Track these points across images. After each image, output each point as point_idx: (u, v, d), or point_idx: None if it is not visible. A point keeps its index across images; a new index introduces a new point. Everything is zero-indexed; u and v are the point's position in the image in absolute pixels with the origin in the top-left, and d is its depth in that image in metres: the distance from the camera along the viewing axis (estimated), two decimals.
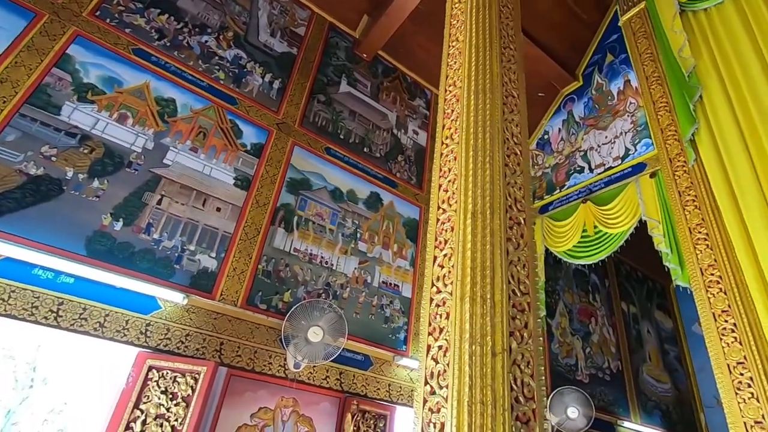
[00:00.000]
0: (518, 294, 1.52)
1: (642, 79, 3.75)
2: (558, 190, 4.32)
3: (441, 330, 1.50)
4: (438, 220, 1.81)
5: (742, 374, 2.43)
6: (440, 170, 1.95)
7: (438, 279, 1.64)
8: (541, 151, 4.83)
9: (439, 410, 1.37)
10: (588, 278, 5.04)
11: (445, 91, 2.20)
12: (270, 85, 3.81)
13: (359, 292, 3.54)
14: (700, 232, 2.92)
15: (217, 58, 3.55)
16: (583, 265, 3.96)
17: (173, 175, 2.94)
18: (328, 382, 3.04)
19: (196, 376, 2.43)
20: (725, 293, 2.65)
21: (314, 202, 3.62)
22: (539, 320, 1.52)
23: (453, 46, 2.34)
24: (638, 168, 3.60)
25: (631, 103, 3.94)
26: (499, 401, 1.26)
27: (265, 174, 3.40)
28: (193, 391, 2.38)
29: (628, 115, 3.89)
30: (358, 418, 3.04)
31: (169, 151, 3.00)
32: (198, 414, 2.31)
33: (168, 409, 2.32)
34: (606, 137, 4.08)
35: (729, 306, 2.60)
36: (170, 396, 2.36)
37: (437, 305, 1.57)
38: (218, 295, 2.82)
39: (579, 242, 3.85)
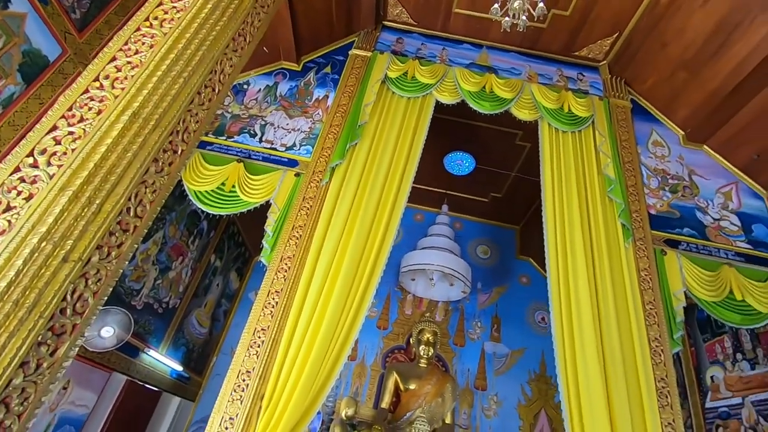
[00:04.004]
0: (131, 214, 1.42)
1: (335, 104, 4.49)
2: (225, 138, 4.37)
3: (9, 209, 1.18)
4: (87, 90, 1.47)
5: (260, 337, 3.19)
6: (125, 43, 1.60)
7: (44, 152, 1.31)
8: (233, 95, 4.78)
9: None
10: (199, 223, 5.25)
11: None
12: None
13: None
14: (297, 232, 3.69)
15: None
16: (202, 210, 4.11)
17: None
18: None
19: None
20: (285, 280, 3.44)
21: None
22: (135, 245, 1.48)
23: None
24: (292, 163, 4.18)
25: (318, 113, 4.58)
26: (40, 307, 1.11)
27: None
28: None
29: (311, 121, 4.50)
30: None
31: None
32: None
33: None
34: (287, 124, 4.53)
35: (281, 289, 3.39)
36: None
37: (23, 180, 1.24)
38: None
39: (213, 191, 3.99)
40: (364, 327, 3.75)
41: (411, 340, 6.12)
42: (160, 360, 4.86)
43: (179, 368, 5.27)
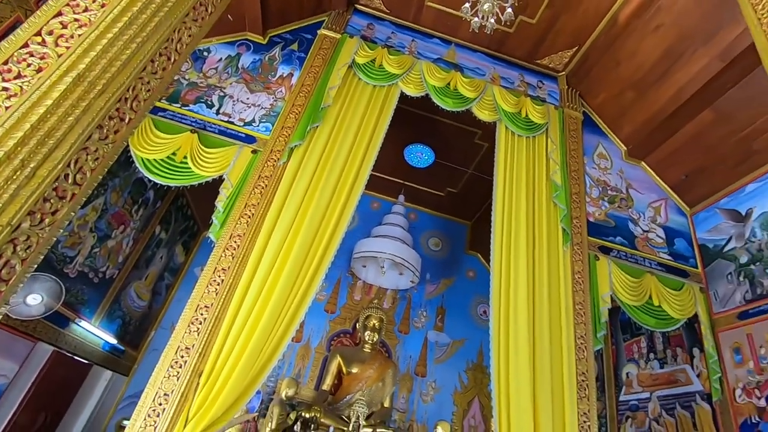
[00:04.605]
0: (69, 181, 1.35)
1: (299, 83, 4.41)
2: (179, 105, 4.18)
3: None
4: (27, 44, 1.37)
5: (202, 314, 3.13)
6: None
7: None
8: (191, 62, 4.57)
9: None
10: (145, 192, 5.00)
11: None
12: None
13: None
14: (249, 210, 3.63)
15: None
16: (149, 179, 3.92)
17: None
18: None
19: None
20: (233, 258, 3.39)
21: None
22: (73, 213, 1.41)
23: None
24: (249, 139, 4.08)
25: (281, 91, 4.48)
26: None
27: None
28: None
29: (273, 98, 4.40)
30: None
31: None
32: None
33: None
34: (248, 99, 4.39)
35: (228, 267, 3.34)
36: None
37: None
38: None
39: (162, 160, 3.82)
40: (312, 310, 3.78)
41: (357, 325, 6.22)
42: (93, 332, 4.65)
43: (113, 341, 5.06)
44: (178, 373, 2.93)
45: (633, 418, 4.94)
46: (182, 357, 2.99)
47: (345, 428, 4.63)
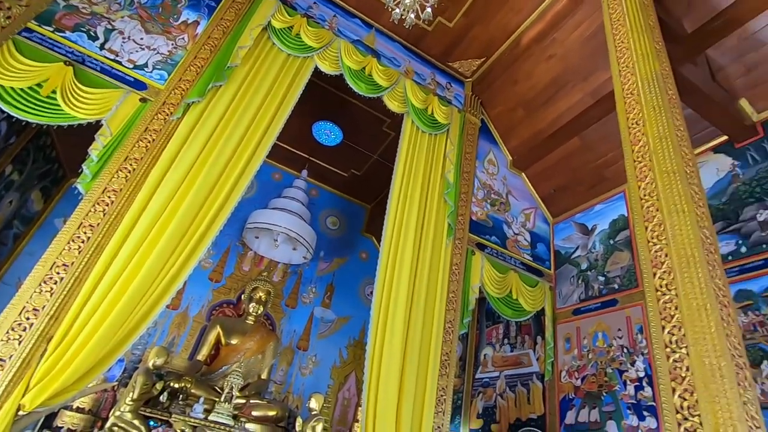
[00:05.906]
0: None
1: (205, 34, 4.05)
2: (52, 29, 3.56)
3: None
4: None
5: (59, 273, 2.80)
6: None
7: None
8: None
9: None
10: None
11: None
12: None
13: None
14: (130, 164, 3.30)
15: None
16: (5, 113, 3.31)
17: None
18: None
19: None
20: (104, 214, 3.07)
21: None
22: None
23: None
24: (139, 85, 3.67)
25: (183, 38, 4.07)
26: None
27: None
28: None
29: (172, 44, 3.98)
30: None
31: None
32: None
33: None
34: (141, 39, 3.92)
35: (98, 224, 3.02)
36: None
37: None
38: None
39: (23, 90, 3.27)
40: (195, 278, 3.61)
41: (243, 296, 6.07)
42: None
43: None
44: (20, 336, 2.60)
45: (483, 393, 5.67)
46: (28, 319, 2.66)
47: (217, 399, 4.55)
